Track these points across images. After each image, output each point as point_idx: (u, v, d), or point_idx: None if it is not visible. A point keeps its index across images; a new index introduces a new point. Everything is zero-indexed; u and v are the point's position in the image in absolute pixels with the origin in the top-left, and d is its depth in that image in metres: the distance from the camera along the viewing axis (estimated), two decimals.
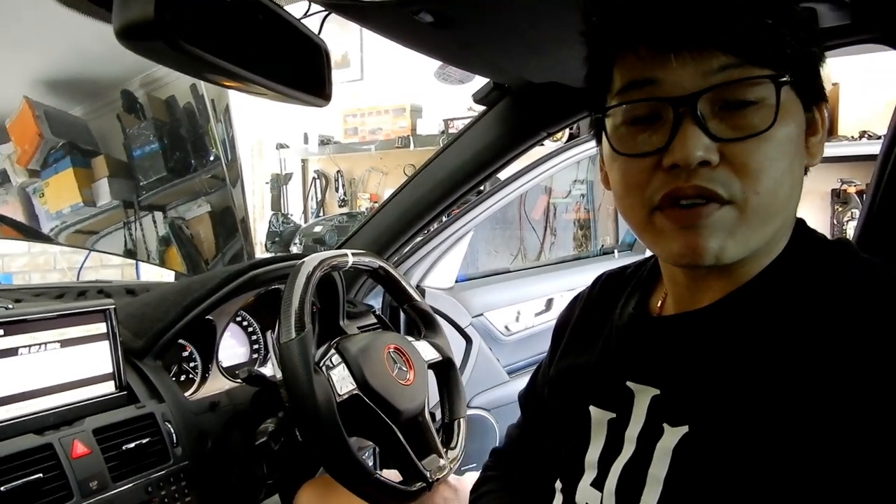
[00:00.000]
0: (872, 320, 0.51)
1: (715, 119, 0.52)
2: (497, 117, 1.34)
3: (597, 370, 0.68)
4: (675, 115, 0.52)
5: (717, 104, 0.52)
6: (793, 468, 0.49)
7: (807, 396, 0.50)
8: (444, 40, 0.98)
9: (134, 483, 0.94)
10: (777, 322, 0.55)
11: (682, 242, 0.54)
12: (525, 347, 1.97)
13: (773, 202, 0.53)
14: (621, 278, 0.76)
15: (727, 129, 0.52)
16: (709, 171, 0.52)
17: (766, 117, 0.51)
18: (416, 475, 1.01)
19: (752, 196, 0.52)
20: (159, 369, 1.09)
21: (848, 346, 0.51)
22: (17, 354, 0.90)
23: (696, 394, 0.57)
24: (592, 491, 0.63)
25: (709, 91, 0.52)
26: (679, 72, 0.52)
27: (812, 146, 0.58)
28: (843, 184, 2.62)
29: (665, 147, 0.53)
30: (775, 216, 0.55)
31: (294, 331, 0.94)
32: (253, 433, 1.08)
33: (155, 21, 0.63)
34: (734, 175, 0.52)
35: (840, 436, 0.48)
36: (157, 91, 1.84)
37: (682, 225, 0.54)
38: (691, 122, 0.52)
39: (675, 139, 0.52)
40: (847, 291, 0.54)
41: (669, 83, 0.53)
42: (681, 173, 0.53)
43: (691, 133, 0.52)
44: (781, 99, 0.51)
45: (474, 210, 1.68)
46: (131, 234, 1.83)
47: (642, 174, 0.55)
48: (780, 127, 0.52)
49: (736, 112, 0.52)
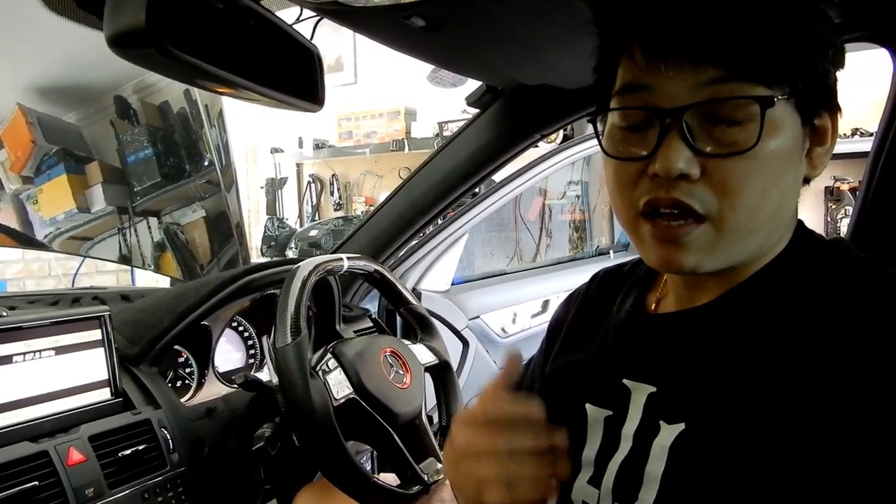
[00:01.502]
0: (865, 317, 0.51)
1: (702, 132, 0.53)
2: (491, 120, 1.34)
3: (593, 368, 0.68)
4: (662, 126, 0.53)
5: (706, 117, 0.53)
6: (789, 465, 0.50)
7: (802, 394, 0.51)
8: (437, 44, 0.98)
9: (130, 490, 0.94)
10: (773, 320, 0.56)
11: (660, 254, 0.56)
12: (522, 349, 1.95)
13: (751, 220, 0.54)
14: (618, 276, 0.76)
15: (712, 144, 0.52)
16: (688, 184, 0.53)
17: (750, 136, 0.51)
18: (413, 479, 1.01)
19: (728, 214, 0.53)
20: (155, 375, 1.09)
21: (841, 343, 0.51)
22: (12, 362, 0.90)
23: (692, 391, 0.57)
24: (589, 488, 0.63)
25: (694, 107, 0.52)
26: (671, 82, 0.53)
27: (816, 157, 0.58)
28: (836, 181, 2.63)
29: (650, 155, 0.54)
30: (755, 232, 0.55)
31: (290, 335, 0.94)
32: (250, 438, 1.08)
33: (146, 28, 0.63)
34: (712, 191, 0.53)
35: (835, 433, 0.48)
36: (151, 97, 1.84)
37: (662, 238, 0.55)
38: (676, 135, 0.52)
39: (660, 149, 0.53)
40: (841, 289, 0.54)
41: (661, 92, 0.53)
42: (662, 183, 0.53)
43: (675, 146, 0.52)
44: (772, 115, 0.51)
45: (470, 212, 1.68)
46: (126, 240, 1.83)
47: (630, 177, 0.56)
48: (766, 144, 0.52)
49: (723, 127, 0.52)
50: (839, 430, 0.48)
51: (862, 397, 0.48)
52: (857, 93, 2.46)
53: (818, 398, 0.50)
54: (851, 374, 0.49)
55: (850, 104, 0.59)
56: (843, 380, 0.49)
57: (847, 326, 0.51)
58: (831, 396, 0.49)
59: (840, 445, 0.48)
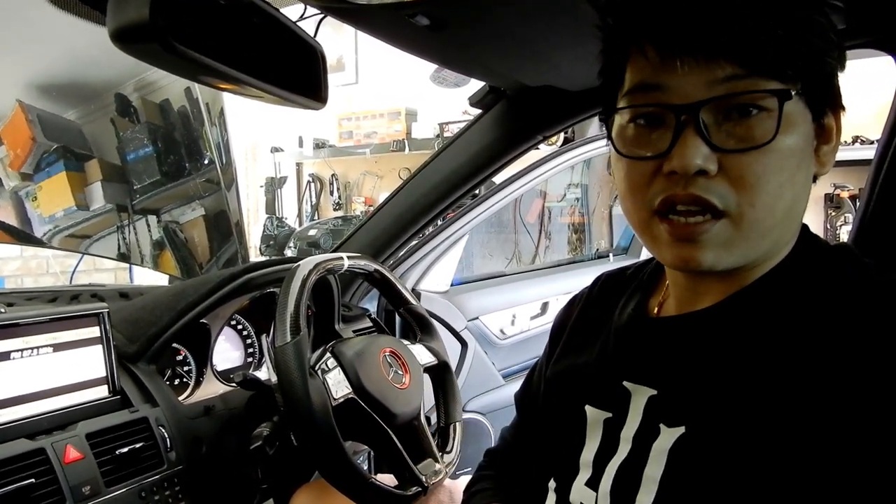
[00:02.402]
0: (867, 322, 0.51)
1: (718, 128, 0.53)
2: (493, 121, 1.34)
3: (594, 370, 0.68)
4: (678, 123, 0.53)
5: (721, 113, 0.53)
6: (788, 470, 0.49)
7: (802, 399, 0.51)
8: (440, 43, 0.98)
9: (127, 488, 0.94)
10: (775, 325, 0.56)
11: (677, 253, 0.56)
12: (520, 351, 1.96)
13: (770, 215, 0.54)
14: (621, 279, 0.76)
15: (729, 140, 0.52)
16: (706, 180, 0.52)
17: (767, 130, 0.51)
18: (411, 479, 1.01)
19: (747, 209, 0.53)
20: (153, 373, 1.08)
21: (843, 348, 0.51)
22: (10, 359, 0.89)
23: (693, 395, 0.57)
24: (587, 490, 0.63)
25: (710, 102, 0.52)
26: (684, 79, 0.52)
27: (823, 155, 0.58)
28: (837, 188, 2.63)
29: (666, 153, 0.53)
30: (773, 228, 0.55)
31: (289, 334, 0.93)
32: (248, 437, 1.08)
33: (150, 23, 0.63)
34: (731, 186, 0.52)
35: (835, 438, 0.48)
36: (152, 94, 1.83)
37: (678, 237, 0.55)
38: (692, 131, 0.52)
39: (676, 146, 0.53)
40: (844, 295, 0.54)
41: (674, 89, 0.53)
42: (679, 180, 0.53)
43: (691, 142, 0.52)
44: (787, 111, 0.51)
45: (469, 213, 1.68)
46: (125, 238, 1.82)
47: (643, 177, 0.56)
48: (782, 139, 0.52)
49: (739, 122, 0.52)
50: (839, 436, 0.48)
51: (862, 403, 0.48)
52: (858, 100, 2.47)
53: (818, 403, 0.50)
54: (852, 380, 0.49)
55: (851, 112, 0.59)
56: (844, 385, 0.49)
57: (849, 332, 0.51)
58: (832, 402, 0.49)
59: (840, 451, 0.48)
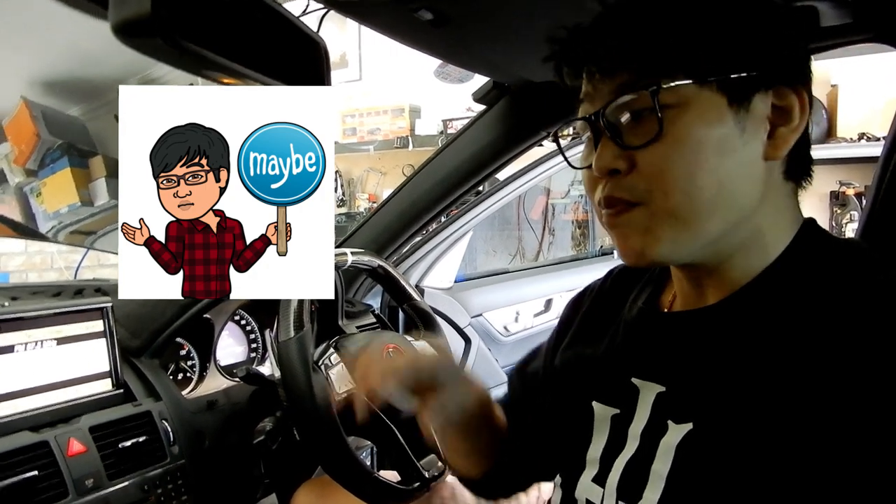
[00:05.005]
0: (873, 318, 0.51)
1: (629, 130, 0.56)
2: (496, 117, 1.33)
3: (601, 365, 0.68)
4: (595, 130, 0.58)
5: (633, 116, 0.56)
6: (795, 467, 0.49)
7: (810, 395, 0.50)
8: (444, 38, 0.98)
9: (130, 481, 0.94)
10: (782, 321, 0.55)
11: (621, 249, 0.60)
12: (524, 348, 1.94)
13: (692, 201, 0.55)
14: (634, 273, 0.76)
15: (634, 139, 0.56)
16: (619, 178, 0.57)
17: (655, 124, 0.54)
18: (414, 475, 1.01)
19: (659, 196, 0.55)
20: (156, 368, 1.09)
21: (850, 345, 0.50)
22: (14, 352, 0.89)
23: (701, 391, 0.57)
24: (594, 487, 0.63)
25: (605, 107, 0.56)
26: (597, 91, 0.58)
27: (779, 136, 0.57)
28: (842, 186, 2.61)
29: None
30: (700, 214, 0.55)
31: (293, 329, 0.94)
32: (250, 432, 1.08)
33: (152, 17, 0.62)
34: (641, 180, 0.56)
35: (842, 435, 0.48)
36: None
37: (611, 229, 0.59)
38: (606, 136, 0.57)
39: (596, 152, 0.57)
40: (851, 290, 0.54)
41: (593, 101, 0.59)
42: (605, 183, 0.58)
43: (603, 146, 0.57)
44: (696, 102, 0.54)
45: (473, 210, 1.68)
46: None
47: (591, 183, 0.61)
48: (678, 128, 0.54)
49: (641, 121, 0.56)
50: (846, 433, 0.48)
51: (869, 399, 0.48)
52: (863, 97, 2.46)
53: (825, 400, 0.49)
54: (859, 376, 0.49)
55: (856, 108, 0.58)
56: (851, 382, 0.49)
57: (856, 328, 0.51)
58: (838, 399, 0.49)
59: (846, 448, 0.48)
